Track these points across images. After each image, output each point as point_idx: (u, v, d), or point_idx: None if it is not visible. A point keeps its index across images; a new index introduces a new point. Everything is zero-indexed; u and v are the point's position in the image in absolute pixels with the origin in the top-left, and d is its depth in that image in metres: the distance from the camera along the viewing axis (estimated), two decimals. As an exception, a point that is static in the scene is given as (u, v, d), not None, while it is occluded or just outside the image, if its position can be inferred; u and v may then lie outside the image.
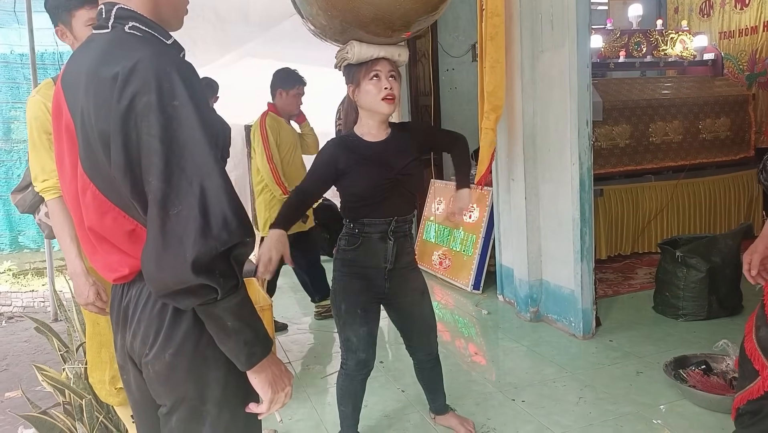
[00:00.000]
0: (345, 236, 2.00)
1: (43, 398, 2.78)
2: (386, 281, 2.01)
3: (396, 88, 1.90)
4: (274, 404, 1.10)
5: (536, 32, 3.35)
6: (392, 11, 1.73)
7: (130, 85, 0.96)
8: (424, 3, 1.75)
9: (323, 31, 1.93)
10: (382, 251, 1.96)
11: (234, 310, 1.00)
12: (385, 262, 1.98)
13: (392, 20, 1.77)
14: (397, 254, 1.99)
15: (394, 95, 1.88)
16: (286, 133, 3.61)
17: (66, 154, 1.10)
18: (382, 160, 1.92)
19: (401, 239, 2.00)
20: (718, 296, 3.33)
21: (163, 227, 0.95)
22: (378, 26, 1.79)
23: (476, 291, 4.14)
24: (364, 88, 1.90)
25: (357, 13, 1.74)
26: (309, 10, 1.85)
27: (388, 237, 1.96)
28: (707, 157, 4.91)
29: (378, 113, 1.92)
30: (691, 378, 2.51)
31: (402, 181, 1.94)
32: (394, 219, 1.95)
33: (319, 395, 2.75)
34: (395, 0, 1.69)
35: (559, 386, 2.70)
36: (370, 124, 1.96)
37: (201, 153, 0.96)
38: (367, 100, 1.90)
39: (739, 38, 5.86)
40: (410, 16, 1.78)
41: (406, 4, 1.70)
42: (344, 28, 1.83)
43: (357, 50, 1.87)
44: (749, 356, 1.56)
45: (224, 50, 5.30)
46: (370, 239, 1.95)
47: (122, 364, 1.19)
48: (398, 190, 1.94)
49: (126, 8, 1.06)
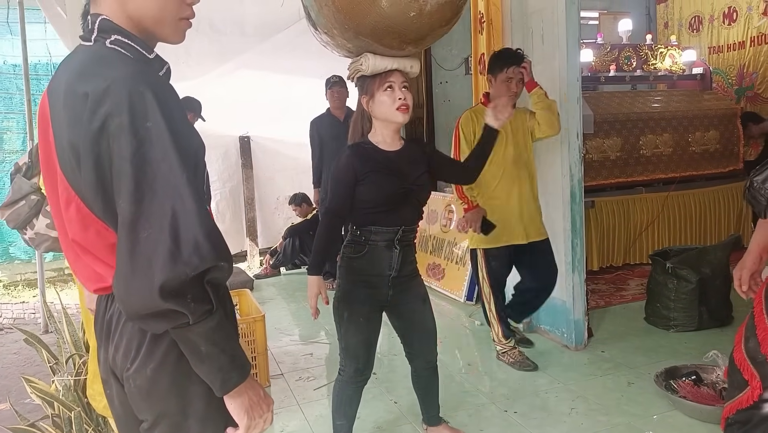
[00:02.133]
0: (351, 244, 2.01)
1: (32, 411, 2.74)
2: (389, 288, 2.03)
3: (409, 98, 1.95)
4: (251, 430, 1.07)
5: (527, 46, 3.39)
6: (406, 25, 1.76)
7: (102, 106, 0.95)
8: (438, 18, 1.79)
9: (337, 43, 1.96)
10: (387, 259, 1.99)
11: (208, 335, 0.99)
12: (390, 270, 2.00)
13: (406, 33, 1.81)
14: (401, 263, 2.02)
15: (408, 105, 1.93)
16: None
17: (53, 165, 1.10)
18: (396, 169, 1.96)
19: (406, 248, 2.03)
20: (708, 307, 3.36)
21: (133, 250, 0.94)
22: (392, 39, 1.83)
23: (469, 302, 4.15)
24: (379, 98, 1.94)
25: (373, 26, 1.77)
26: (324, 22, 1.87)
27: (394, 246, 1.98)
28: (697, 169, 4.97)
29: (393, 122, 1.96)
30: (681, 389, 2.52)
31: (414, 191, 1.99)
32: (401, 228, 1.98)
33: (311, 407, 2.74)
34: (409, 14, 1.72)
35: (551, 397, 2.70)
36: (384, 134, 2.00)
37: (174, 175, 0.95)
38: (382, 110, 1.94)
39: (727, 53, 5.95)
40: (423, 30, 1.82)
41: (420, 18, 1.74)
42: (358, 41, 1.87)
43: (371, 62, 1.91)
44: (738, 366, 1.57)
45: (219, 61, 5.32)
46: (377, 247, 1.98)
47: (105, 378, 1.17)
48: (409, 200, 1.98)
49: (109, 20, 1.05)
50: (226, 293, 1.13)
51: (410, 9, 1.70)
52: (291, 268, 5.45)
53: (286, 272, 5.45)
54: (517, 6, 3.39)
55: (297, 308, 4.40)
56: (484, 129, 2.15)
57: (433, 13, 1.74)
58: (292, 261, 5.38)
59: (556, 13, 3.14)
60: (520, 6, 3.39)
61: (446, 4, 1.75)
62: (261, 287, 5.03)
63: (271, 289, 4.98)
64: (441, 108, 5.81)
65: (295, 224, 5.44)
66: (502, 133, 2.78)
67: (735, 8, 5.82)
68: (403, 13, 1.71)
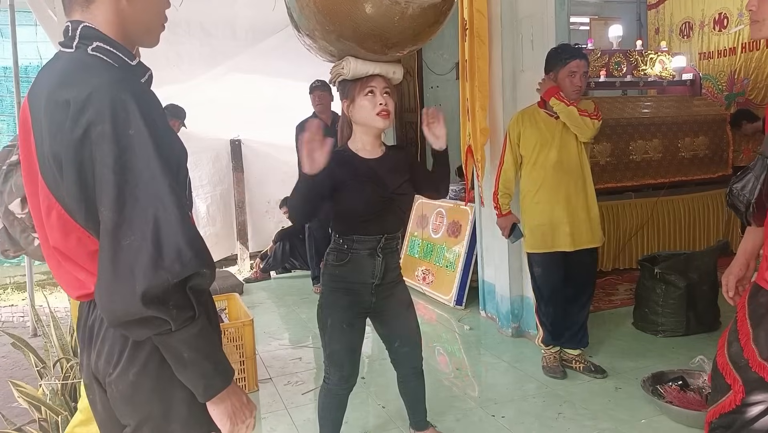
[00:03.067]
0: (333, 252, 2.01)
1: (20, 415, 2.72)
2: (373, 295, 2.02)
3: (390, 104, 1.93)
4: None
5: (517, 52, 3.41)
6: (389, 28, 1.75)
7: (84, 113, 0.95)
8: (421, 22, 1.78)
9: (319, 46, 1.94)
10: (370, 267, 1.97)
11: (190, 341, 0.99)
12: (373, 278, 1.99)
13: (388, 37, 1.79)
14: (384, 270, 2.00)
15: (389, 110, 1.91)
16: (536, 127, 2.86)
17: (34, 172, 1.09)
18: (377, 178, 1.93)
19: (389, 255, 2.01)
20: (695, 312, 3.38)
21: (115, 257, 0.94)
22: (374, 43, 1.81)
23: (459, 307, 4.16)
24: (359, 103, 1.92)
25: (354, 28, 1.76)
26: (306, 24, 1.86)
27: (377, 254, 1.97)
28: (686, 175, 5.00)
29: (373, 128, 1.94)
30: (668, 394, 2.54)
31: (395, 199, 1.96)
32: (384, 237, 1.96)
33: (299, 411, 2.73)
34: (392, 18, 1.71)
35: (539, 402, 2.71)
36: (365, 140, 1.98)
37: (156, 183, 0.96)
38: (362, 115, 1.92)
39: (718, 59, 6.00)
40: (406, 34, 1.81)
41: (402, 22, 1.73)
42: (340, 44, 1.85)
43: (353, 66, 1.89)
44: (721, 370, 1.59)
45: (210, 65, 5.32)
46: (359, 255, 1.96)
47: (88, 383, 1.17)
48: (391, 208, 1.96)
49: (91, 27, 1.05)
50: (209, 299, 1.13)
51: (393, 12, 1.69)
52: (281, 272, 5.45)
53: (276, 275, 5.44)
54: (507, 12, 3.41)
55: (286, 312, 4.40)
56: (433, 153, 2.06)
57: (416, 16, 1.73)
58: (282, 265, 5.38)
59: (545, 19, 3.17)
60: (510, 12, 3.41)
61: (429, 8, 1.74)
62: (251, 290, 5.02)
63: (261, 293, 4.97)
64: (432, 112, 5.82)
65: (285, 228, 5.44)
66: (545, 136, 2.80)
67: (726, 14, 5.87)
68: (386, 16, 1.70)
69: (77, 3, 1.07)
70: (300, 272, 5.37)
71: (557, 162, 2.81)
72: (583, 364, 2.98)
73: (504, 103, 3.47)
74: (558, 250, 2.86)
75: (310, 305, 4.50)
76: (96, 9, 1.06)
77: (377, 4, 1.68)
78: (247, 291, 4.95)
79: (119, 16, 1.07)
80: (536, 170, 2.84)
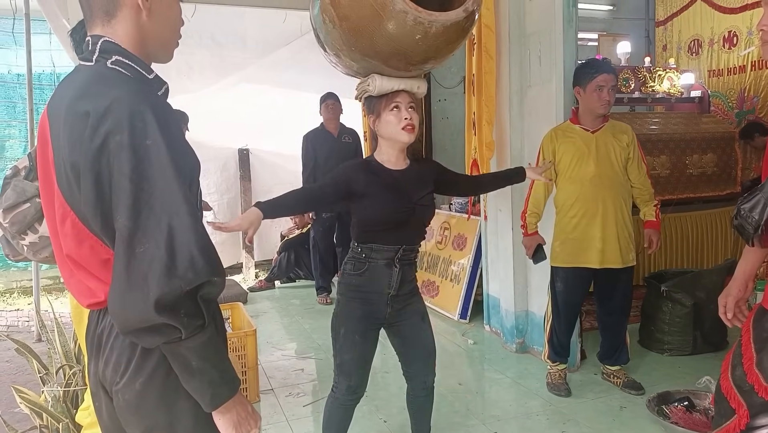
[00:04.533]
0: (351, 260, 2.03)
1: (21, 420, 2.73)
2: (388, 306, 2.02)
3: (415, 118, 1.97)
4: None
5: (524, 68, 3.42)
6: (412, 47, 1.78)
7: (103, 124, 0.97)
8: (443, 39, 1.80)
9: (345, 64, 1.99)
10: (386, 278, 1.99)
11: (199, 350, 1.00)
12: (389, 288, 2.00)
13: (412, 55, 1.83)
14: (401, 281, 2.01)
15: (413, 125, 1.95)
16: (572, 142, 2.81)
17: (51, 181, 1.12)
18: (401, 188, 1.97)
19: (406, 267, 2.02)
20: (702, 331, 3.35)
21: (129, 264, 0.96)
22: (398, 61, 1.84)
23: (463, 320, 4.14)
24: (385, 118, 1.96)
25: (378, 48, 1.79)
26: (332, 43, 1.91)
27: (394, 264, 1.98)
28: (694, 192, 4.96)
29: (398, 142, 1.97)
30: (673, 414, 2.50)
31: (417, 211, 1.99)
32: (402, 247, 1.98)
33: (300, 424, 2.72)
34: (415, 37, 1.73)
35: (542, 420, 2.68)
36: (390, 153, 2.01)
37: (171, 192, 0.97)
38: (388, 130, 1.96)
39: (727, 77, 5.99)
40: (429, 52, 1.84)
41: (425, 40, 1.75)
42: (365, 62, 1.89)
43: (378, 83, 1.93)
44: (725, 394, 1.57)
45: (221, 75, 5.38)
46: (377, 265, 1.98)
47: (95, 391, 1.18)
48: (412, 220, 1.99)
49: (111, 42, 1.08)
50: (217, 308, 1.15)
51: (415, 32, 1.71)
52: (285, 281, 5.45)
53: (280, 285, 5.45)
54: (515, 28, 3.43)
55: (290, 322, 4.39)
56: (518, 172, 2.30)
57: (439, 35, 1.75)
58: (287, 274, 5.38)
59: (553, 35, 3.17)
60: (518, 27, 3.42)
61: (451, 27, 1.76)
62: (255, 299, 5.02)
63: (265, 302, 4.97)
64: (439, 125, 5.84)
65: (290, 238, 5.45)
66: (581, 150, 2.75)
67: (735, 32, 5.87)
68: (409, 35, 1.72)
69: (98, 18, 1.10)
70: (304, 281, 5.38)
71: (595, 175, 2.74)
72: (623, 379, 2.96)
73: (511, 117, 3.47)
74: (585, 266, 2.81)
75: (314, 315, 4.50)
76: (117, 24, 1.10)
77: (401, 24, 1.70)
78: (251, 300, 4.95)
79: (140, 31, 1.11)
80: (572, 184, 2.78)
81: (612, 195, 2.77)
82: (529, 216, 2.89)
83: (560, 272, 2.89)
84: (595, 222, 2.75)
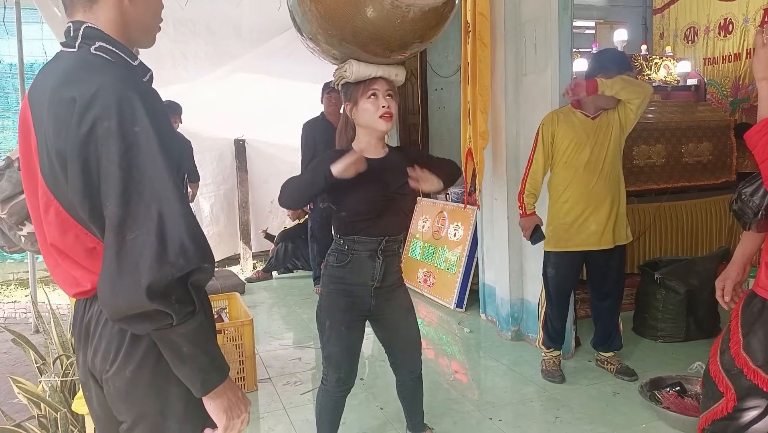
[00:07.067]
0: (334, 252, 2.01)
1: (20, 411, 2.75)
2: (372, 298, 2.02)
3: (393, 106, 1.93)
4: (229, 430, 1.09)
5: (520, 56, 3.42)
6: (390, 32, 1.75)
7: (90, 110, 0.96)
8: (422, 25, 1.78)
9: (322, 50, 1.96)
10: (370, 269, 1.97)
11: (189, 336, 1.00)
12: (373, 280, 1.99)
13: (390, 41, 1.80)
14: (384, 273, 2.00)
15: (391, 113, 1.91)
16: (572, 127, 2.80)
17: (34, 170, 1.11)
18: (379, 178, 1.93)
19: (390, 258, 2.01)
20: (695, 318, 3.37)
21: (119, 251, 0.95)
22: (376, 46, 1.82)
23: (459, 309, 4.16)
24: (362, 106, 1.92)
25: (356, 33, 1.77)
26: (309, 28, 1.87)
27: (377, 256, 1.96)
28: (689, 180, 4.98)
29: (376, 130, 1.95)
30: (665, 400, 2.53)
31: (397, 200, 1.97)
32: (385, 238, 1.96)
33: (297, 412, 2.74)
34: (393, 21, 1.71)
35: (536, 406, 2.71)
36: (368, 142, 1.98)
37: (160, 179, 0.97)
38: (365, 118, 1.93)
39: (722, 65, 5.98)
40: (408, 38, 1.81)
41: (403, 25, 1.73)
42: (343, 47, 1.86)
43: (355, 69, 1.90)
44: (714, 378, 1.59)
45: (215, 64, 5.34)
46: (359, 257, 1.96)
47: (84, 381, 1.18)
48: (393, 209, 1.96)
49: (94, 27, 1.07)
50: (206, 296, 1.15)
51: (394, 16, 1.69)
52: (283, 272, 5.46)
53: (278, 275, 5.46)
54: (510, 15, 3.41)
55: (287, 312, 4.41)
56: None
57: (417, 20, 1.73)
58: (284, 265, 5.39)
59: (549, 23, 3.16)
60: (513, 15, 3.41)
61: (430, 12, 1.74)
62: (252, 290, 5.04)
63: (262, 293, 4.99)
64: (435, 115, 5.83)
65: (287, 228, 5.45)
66: (580, 136, 2.77)
67: (731, 20, 5.86)
68: (387, 20, 1.71)
69: (80, 4, 1.08)
70: (302, 272, 5.39)
71: (588, 162, 2.78)
72: (616, 366, 2.99)
73: (506, 106, 3.47)
74: (579, 249, 2.84)
75: (311, 305, 4.50)
76: (99, 9, 1.08)
77: (378, 9, 1.68)
78: (248, 291, 4.97)
79: (122, 16, 1.09)
80: (567, 170, 2.81)
81: (604, 179, 2.80)
82: (527, 196, 2.90)
83: (552, 257, 2.92)
84: (587, 206, 2.79)
